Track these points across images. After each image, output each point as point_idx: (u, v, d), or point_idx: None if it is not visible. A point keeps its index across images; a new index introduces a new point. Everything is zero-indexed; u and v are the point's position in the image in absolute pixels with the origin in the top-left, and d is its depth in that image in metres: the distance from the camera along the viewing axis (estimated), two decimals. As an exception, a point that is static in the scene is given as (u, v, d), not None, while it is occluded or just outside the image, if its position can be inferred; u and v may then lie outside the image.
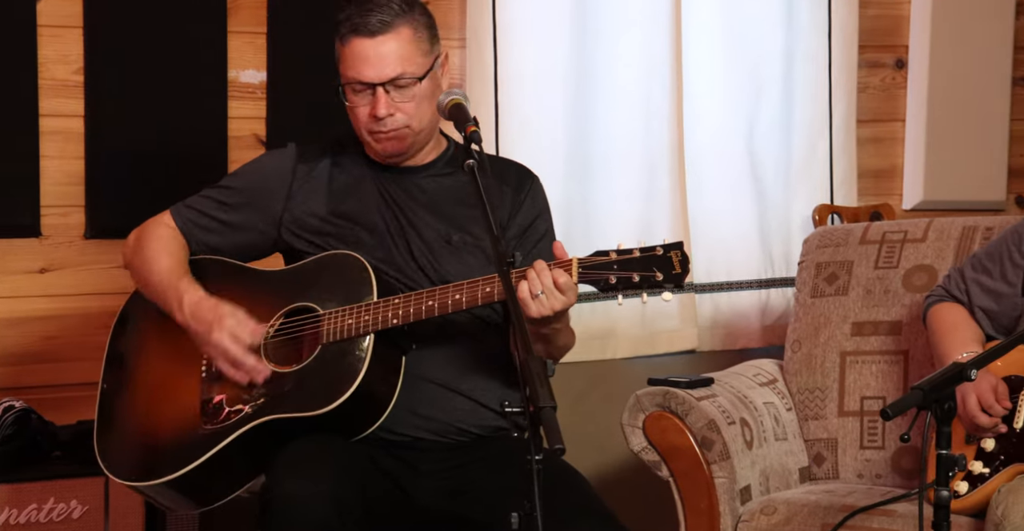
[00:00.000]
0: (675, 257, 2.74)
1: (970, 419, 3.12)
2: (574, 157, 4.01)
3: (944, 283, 3.44)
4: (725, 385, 3.54)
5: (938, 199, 4.51)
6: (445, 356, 2.97)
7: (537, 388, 2.32)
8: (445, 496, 2.91)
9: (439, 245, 3.01)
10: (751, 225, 4.30)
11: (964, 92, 4.49)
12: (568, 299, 2.77)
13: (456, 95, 2.83)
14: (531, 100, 3.93)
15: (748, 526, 3.31)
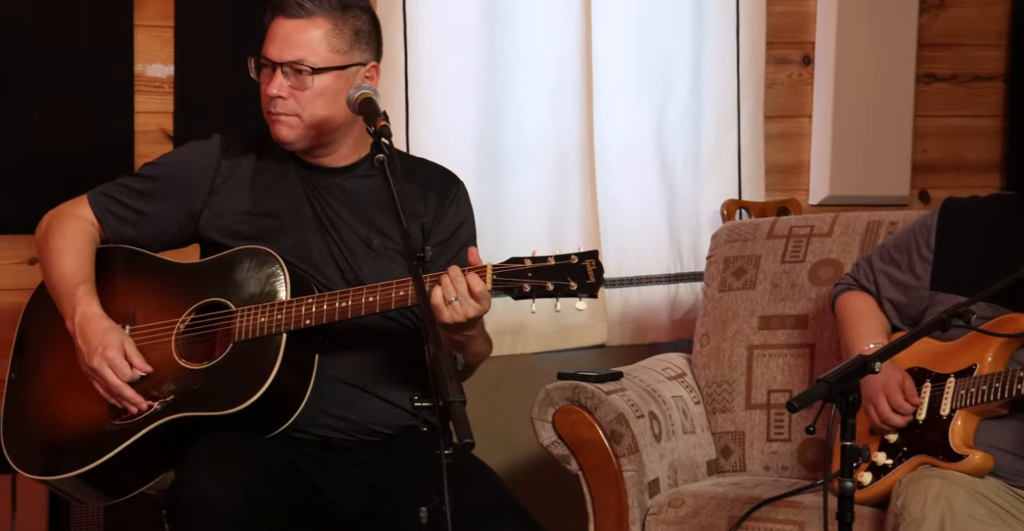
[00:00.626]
0: (590, 266, 2.76)
1: (881, 419, 3.16)
2: (485, 154, 4.02)
3: (853, 272, 3.48)
4: (634, 379, 3.56)
5: (844, 194, 4.56)
6: (358, 356, 2.97)
7: (446, 383, 2.33)
8: (357, 493, 2.91)
9: (359, 248, 3.00)
10: (660, 220, 4.33)
11: (869, 88, 4.54)
12: (482, 306, 2.78)
13: (366, 90, 2.83)
14: (442, 97, 3.93)
15: (656, 519, 3.33)
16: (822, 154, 4.55)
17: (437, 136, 3.90)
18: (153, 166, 3.12)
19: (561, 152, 4.09)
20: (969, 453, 3.04)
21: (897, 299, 3.35)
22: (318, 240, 2.99)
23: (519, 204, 4.07)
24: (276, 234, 2.99)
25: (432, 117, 3.91)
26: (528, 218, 4.07)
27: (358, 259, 2.99)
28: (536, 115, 4.06)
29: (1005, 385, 3.00)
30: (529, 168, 4.07)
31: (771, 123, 4.48)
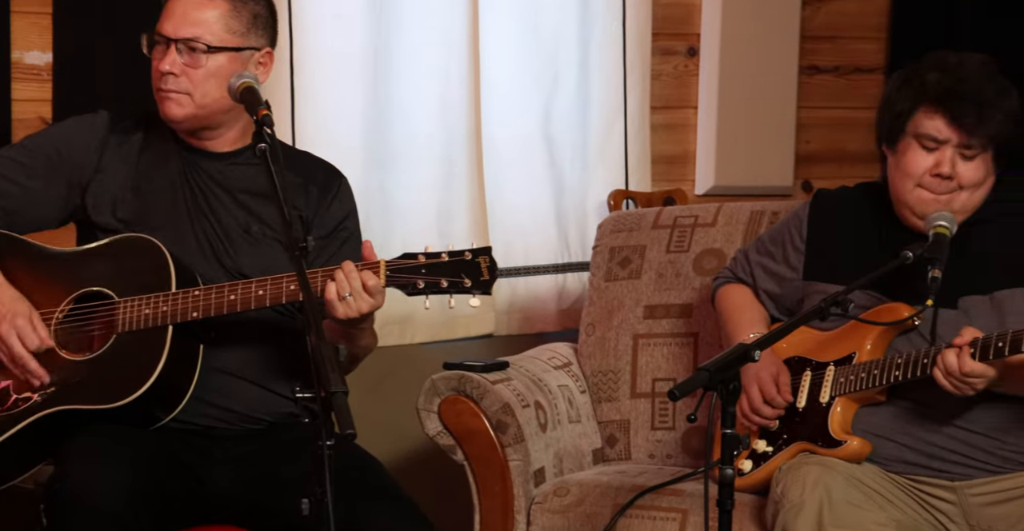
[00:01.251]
0: (483, 263, 2.77)
1: (753, 410, 3.19)
2: (372, 145, 4.01)
3: (731, 265, 3.51)
4: (520, 369, 3.57)
5: (729, 184, 4.60)
6: (242, 346, 2.96)
7: (328, 373, 2.32)
8: (240, 484, 2.90)
9: (238, 235, 2.98)
10: (548, 210, 4.35)
11: (754, 80, 4.59)
12: (376, 302, 2.78)
13: (247, 78, 2.81)
14: (328, 88, 3.92)
15: (541, 508, 3.35)
16: (707, 145, 4.59)
17: (323, 127, 3.88)
18: (36, 138, 3.06)
19: (448, 143, 4.09)
20: (847, 439, 3.08)
21: (773, 290, 3.39)
22: (197, 225, 2.97)
23: (406, 195, 4.06)
24: (154, 217, 2.95)
25: (318, 108, 3.89)
26: (416, 209, 4.07)
27: (237, 247, 2.97)
28: (423, 107, 4.05)
29: (883, 372, 3.05)
30: (416, 159, 4.07)
31: (657, 114, 4.51)
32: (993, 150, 3.04)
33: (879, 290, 3.13)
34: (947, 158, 3.04)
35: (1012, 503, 3.00)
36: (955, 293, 3.06)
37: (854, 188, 3.34)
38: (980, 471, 3.03)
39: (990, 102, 3.00)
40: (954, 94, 3.02)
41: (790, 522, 2.96)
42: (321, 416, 2.32)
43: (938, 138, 3.04)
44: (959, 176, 3.04)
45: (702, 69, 4.57)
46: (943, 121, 3.03)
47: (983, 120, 3.00)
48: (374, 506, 2.78)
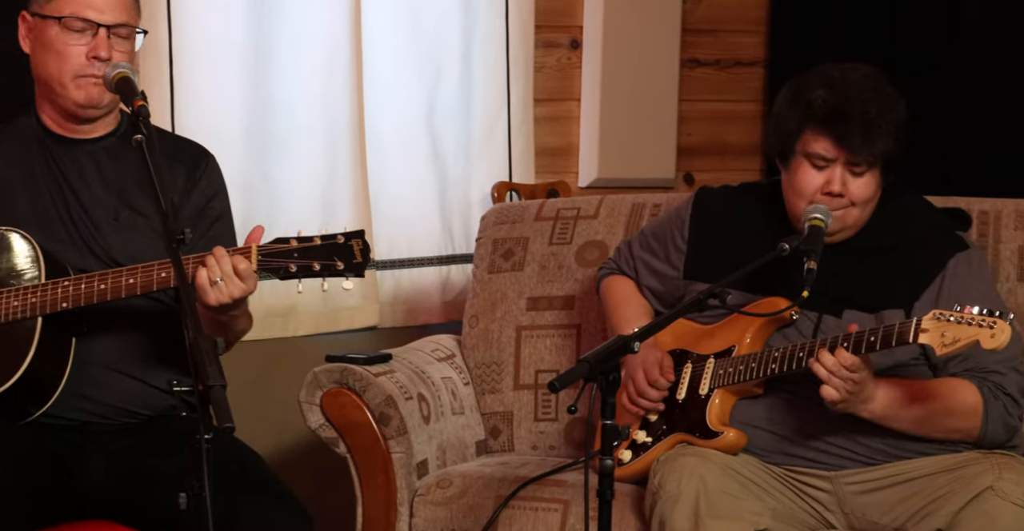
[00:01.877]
0: (356, 246, 2.76)
1: (638, 394, 3.22)
2: (254, 135, 3.98)
3: (615, 256, 3.54)
4: (403, 361, 3.57)
5: (612, 177, 4.63)
6: (116, 338, 2.92)
7: (206, 366, 2.31)
8: (115, 479, 2.86)
9: (106, 222, 2.95)
10: (432, 202, 4.34)
11: (636, 73, 4.62)
12: (248, 287, 2.76)
13: (123, 68, 2.78)
14: (208, 77, 3.87)
15: (424, 500, 3.35)
16: (590, 137, 4.61)
17: (203, 117, 3.84)
18: None
19: (331, 135, 4.07)
20: (724, 431, 3.11)
21: (655, 287, 3.42)
22: (63, 214, 2.93)
23: (289, 187, 4.04)
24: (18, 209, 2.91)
25: (198, 99, 3.85)
26: (299, 201, 4.04)
27: (106, 234, 2.93)
28: (306, 98, 4.03)
29: (760, 365, 3.08)
30: (299, 151, 4.04)
31: (541, 106, 4.53)
32: (881, 165, 3.08)
33: (758, 290, 3.17)
34: (837, 176, 3.07)
35: (884, 491, 3.06)
36: (841, 305, 3.11)
37: (737, 188, 3.37)
38: (854, 461, 3.08)
39: (875, 120, 3.02)
40: (839, 114, 3.04)
41: (667, 513, 2.99)
42: (199, 410, 2.30)
43: (827, 157, 3.07)
44: (850, 193, 3.08)
45: (585, 62, 4.59)
46: (830, 141, 3.05)
47: (869, 139, 3.03)
48: (253, 500, 2.77)
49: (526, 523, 3.25)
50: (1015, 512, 2.84)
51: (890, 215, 3.17)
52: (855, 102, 3.04)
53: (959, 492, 2.92)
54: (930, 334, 2.79)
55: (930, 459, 3.05)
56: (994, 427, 3.04)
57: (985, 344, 2.73)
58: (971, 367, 3.05)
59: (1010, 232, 3.47)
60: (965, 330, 2.74)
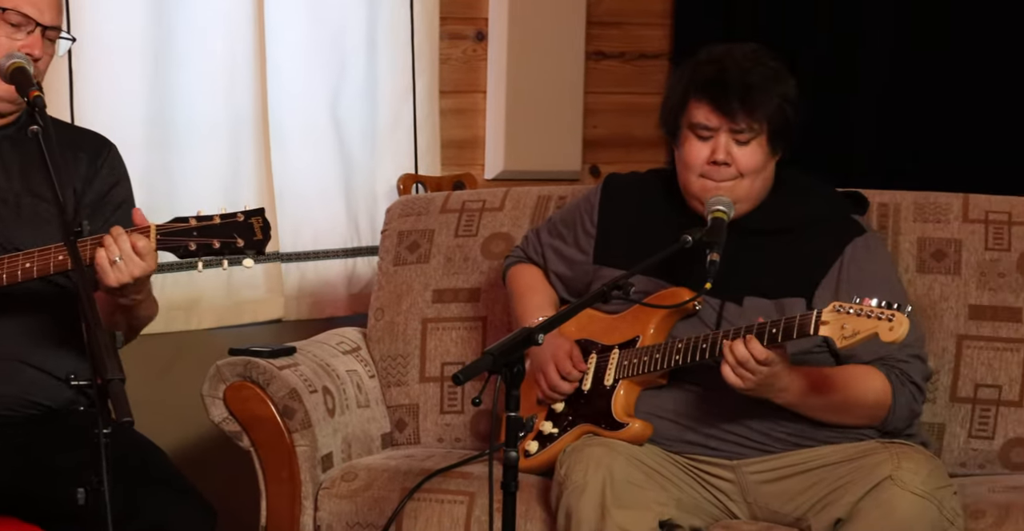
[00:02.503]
0: (256, 223, 2.75)
1: (550, 386, 3.22)
2: (156, 126, 3.93)
3: (523, 244, 3.54)
4: (308, 354, 3.55)
5: (518, 169, 4.63)
6: (15, 326, 2.89)
7: (104, 360, 2.28)
8: (13, 474, 2.82)
9: (9, 210, 2.91)
10: (337, 194, 4.32)
11: (541, 65, 4.62)
12: (147, 264, 2.73)
13: (18, 58, 2.76)
14: (108, 66, 3.82)
15: (329, 493, 3.34)
16: (496, 129, 4.61)
17: (103, 108, 3.79)
18: None
19: (234, 126, 4.04)
20: (630, 422, 3.13)
21: (563, 273, 3.43)
22: None
23: (192, 180, 4.00)
24: None
25: (98, 90, 3.80)
26: (201, 194, 3.99)
27: (8, 222, 2.90)
28: (208, 89, 3.99)
29: (664, 356, 3.10)
30: (202, 143, 4.00)
31: (446, 98, 4.52)
32: (767, 134, 3.11)
33: (664, 276, 3.19)
34: (721, 145, 3.10)
35: (786, 481, 3.08)
36: (742, 291, 3.13)
37: (645, 174, 3.39)
38: (756, 451, 3.11)
39: (755, 87, 3.07)
40: (718, 81, 3.08)
41: (573, 503, 3.00)
42: (97, 404, 2.27)
43: (709, 126, 3.10)
44: (736, 162, 3.10)
45: (490, 54, 4.59)
46: (709, 108, 3.09)
47: (747, 103, 3.07)
48: (154, 495, 2.75)
49: (432, 515, 3.25)
50: (913, 501, 2.88)
51: (787, 198, 3.20)
52: (735, 71, 3.08)
53: (859, 482, 2.95)
54: (830, 326, 2.82)
55: (831, 448, 3.08)
56: (900, 414, 3.08)
57: (884, 337, 2.76)
58: (878, 357, 3.08)
59: (909, 224, 3.51)
60: (864, 323, 2.78)
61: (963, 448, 3.41)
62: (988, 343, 3.42)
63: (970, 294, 3.45)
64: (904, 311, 2.75)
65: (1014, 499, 3.09)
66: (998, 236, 3.48)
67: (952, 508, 2.92)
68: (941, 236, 3.49)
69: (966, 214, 3.51)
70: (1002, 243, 3.47)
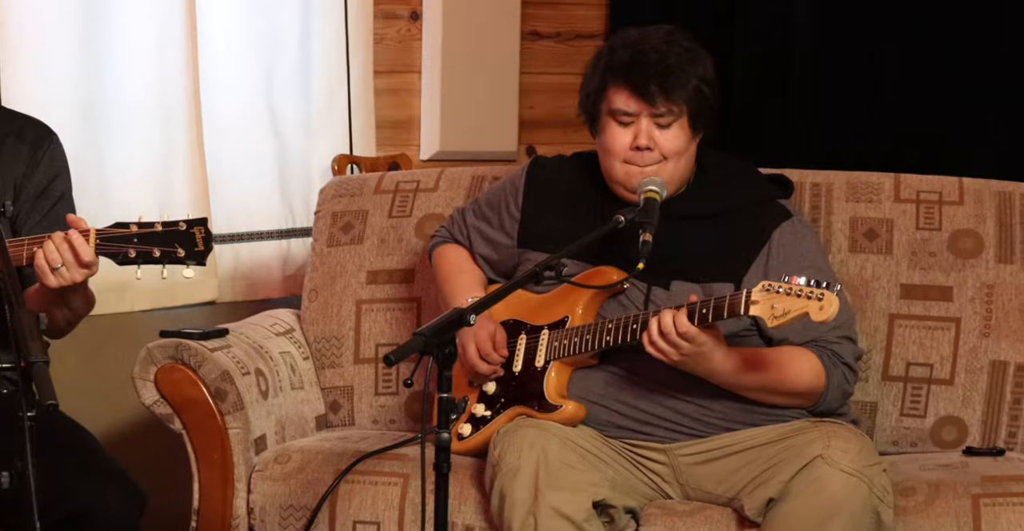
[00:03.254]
0: (198, 233, 2.76)
1: (470, 367, 3.22)
2: (85, 108, 3.88)
3: (448, 224, 3.52)
4: (241, 336, 3.53)
5: (454, 150, 4.62)
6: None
7: (28, 342, 2.26)
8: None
9: None
10: (271, 175, 4.29)
11: (476, 45, 4.60)
12: (90, 271, 2.74)
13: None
14: (37, 49, 3.77)
15: (262, 475, 3.32)
16: (431, 110, 4.59)
17: (32, 91, 3.73)
18: None
19: (166, 109, 4.00)
20: (563, 404, 3.12)
21: (489, 255, 3.42)
22: None
23: (123, 162, 3.95)
24: None
25: (26, 73, 3.74)
26: (134, 177, 3.96)
27: None
28: (139, 73, 3.94)
29: (595, 337, 3.10)
30: (133, 125, 3.96)
31: (381, 78, 4.49)
32: (688, 116, 3.11)
33: (593, 259, 3.18)
34: (643, 130, 3.10)
35: (718, 462, 3.09)
36: (669, 276, 3.14)
37: (571, 157, 3.39)
38: (687, 435, 3.11)
39: (672, 68, 3.07)
40: (636, 65, 3.08)
41: (507, 485, 2.99)
42: (21, 387, 2.25)
43: (629, 111, 3.10)
44: (659, 146, 3.11)
45: (425, 34, 4.57)
46: (628, 94, 3.09)
47: (666, 87, 3.07)
48: (82, 478, 2.72)
49: (366, 497, 3.24)
50: (844, 480, 2.90)
51: (713, 184, 3.20)
52: (651, 53, 3.08)
53: (790, 461, 2.96)
54: (760, 306, 2.82)
55: (761, 429, 3.09)
56: (833, 395, 3.09)
57: (815, 316, 2.77)
58: (810, 338, 3.09)
59: (841, 204, 3.53)
60: (794, 302, 2.78)
61: (895, 426, 3.44)
62: (919, 322, 3.44)
63: (901, 273, 3.47)
64: (833, 290, 2.76)
65: (944, 477, 3.12)
66: (929, 215, 3.50)
67: (882, 486, 2.94)
68: (873, 216, 3.51)
69: (897, 194, 3.53)
70: (933, 222, 3.49)
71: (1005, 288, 3.42)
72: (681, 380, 3.08)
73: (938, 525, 3.02)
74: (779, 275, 2.91)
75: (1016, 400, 3.37)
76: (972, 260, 3.45)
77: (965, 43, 4.39)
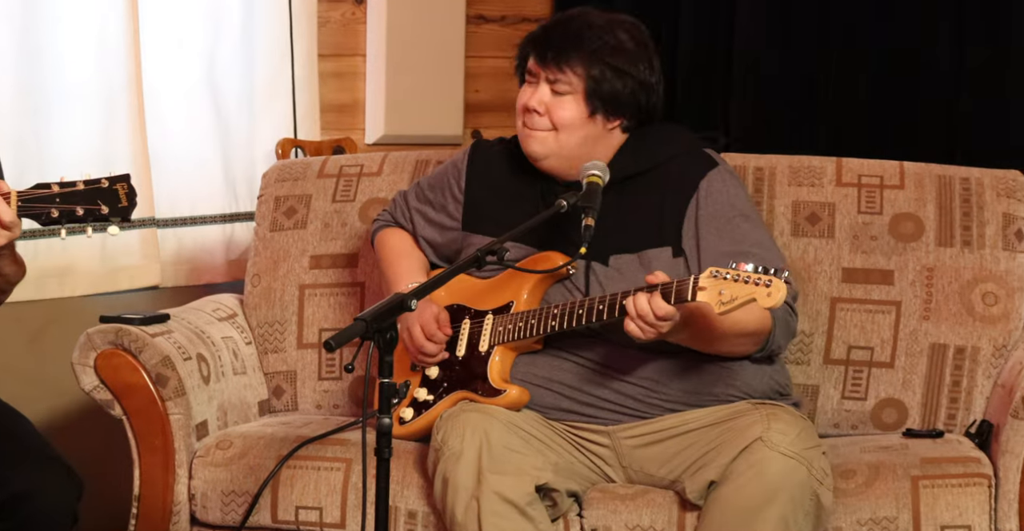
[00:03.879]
0: (122, 190, 2.71)
1: (416, 348, 3.21)
2: (24, 90, 3.84)
3: (391, 208, 3.52)
4: (182, 321, 3.51)
5: (399, 133, 4.61)
6: None
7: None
8: None
9: None
10: (215, 159, 4.27)
11: (421, 29, 4.59)
12: (12, 233, 2.69)
13: None
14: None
15: (203, 461, 3.30)
16: (376, 94, 4.58)
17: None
18: None
19: (107, 89, 3.97)
20: (507, 388, 3.12)
21: (432, 238, 3.41)
22: None
23: (64, 146, 3.92)
24: None
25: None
26: (75, 161, 3.91)
27: None
28: (79, 55, 3.91)
29: (540, 322, 3.09)
30: (73, 107, 3.93)
31: (325, 62, 4.47)
32: (585, 92, 3.11)
33: (535, 243, 3.18)
34: (539, 92, 3.15)
35: (660, 445, 3.10)
36: (607, 251, 3.13)
37: (511, 139, 3.38)
38: (630, 417, 3.12)
39: (579, 41, 3.11)
40: (552, 28, 3.16)
41: (450, 469, 2.99)
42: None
43: (531, 71, 3.15)
44: (550, 112, 3.13)
45: (369, 17, 4.55)
46: (534, 55, 3.15)
47: (564, 55, 3.11)
48: (18, 464, 2.70)
49: (308, 482, 3.23)
50: (784, 462, 2.91)
51: (637, 147, 3.20)
52: (567, 24, 3.15)
53: (730, 443, 2.97)
54: (708, 292, 2.82)
55: (703, 411, 3.10)
56: (781, 331, 3.08)
57: (762, 303, 2.77)
58: None
59: (784, 188, 3.54)
60: (742, 288, 2.78)
61: (836, 409, 3.45)
62: (861, 305, 3.46)
63: (843, 257, 3.48)
64: (781, 276, 2.76)
65: (884, 459, 3.14)
66: (870, 199, 3.51)
67: (821, 468, 2.96)
68: (815, 200, 3.53)
69: (839, 178, 3.54)
70: (874, 206, 3.50)
71: (945, 271, 3.44)
72: (628, 363, 3.08)
73: (877, 507, 3.04)
74: (708, 226, 2.90)
75: (955, 383, 3.40)
76: (913, 243, 3.47)
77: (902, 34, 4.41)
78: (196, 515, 3.30)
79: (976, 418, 3.35)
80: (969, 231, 3.45)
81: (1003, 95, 4.33)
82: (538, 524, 2.98)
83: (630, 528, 3.05)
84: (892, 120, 4.45)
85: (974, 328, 3.41)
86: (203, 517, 3.29)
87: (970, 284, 3.42)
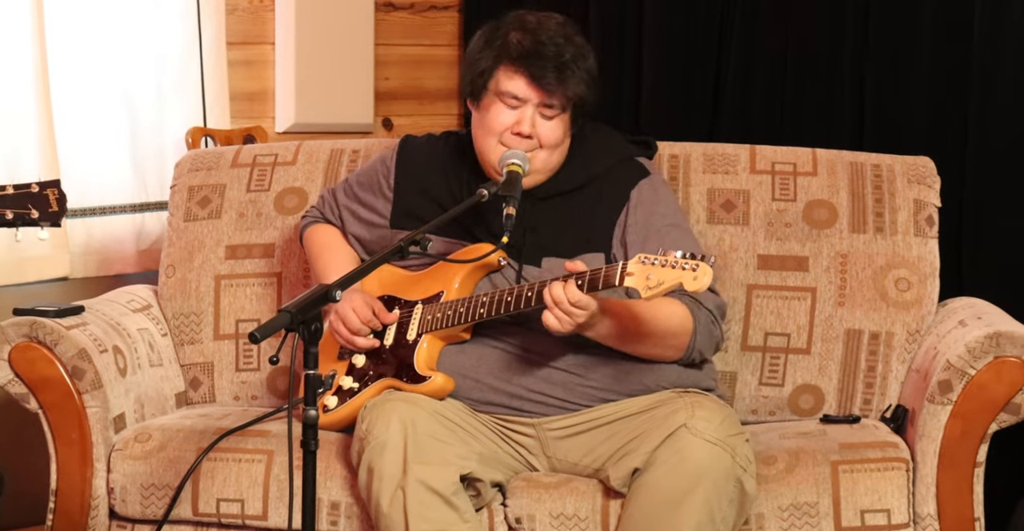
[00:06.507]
0: (52, 195, 2.72)
1: (355, 332, 3.20)
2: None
3: (319, 204, 3.51)
4: (97, 313, 3.47)
5: (310, 122, 4.58)
6: None
7: None
8: None
9: None
10: (124, 148, 4.22)
11: (331, 16, 4.57)
12: None
13: None
14: None
15: (122, 454, 3.27)
16: (286, 82, 4.55)
17: None
18: None
19: (12, 78, 3.91)
20: (432, 375, 3.12)
21: (361, 235, 3.41)
22: None
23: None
24: None
25: None
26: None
27: None
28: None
29: (468, 310, 3.10)
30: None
31: (234, 50, 4.44)
32: (572, 110, 3.14)
33: (464, 236, 3.19)
34: (527, 117, 3.13)
35: (584, 435, 3.12)
36: (540, 254, 3.16)
37: (440, 136, 3.39)
38: (557, 409, 3.14)
39: (569, 63, 3.11)
40: (535, 54, 3.10)
41: (375, 459, 2.99)
42: None
43: (519, 96, 3.12)
44: (539, 135, 3.13)
45: (278, 4, 4.52)
46: (524, 80, 3.11)
47: (562, 80, 3.10)
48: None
49: (229, 475, 3.21)
50: (708, 449, 2.94)
51: (579, 158, 3.23)
52: (550, 45, 3.10)
53: (655, 431, 2.99)
54: (635, 277, 2.84)
55: (629, 401, 3.12)
56: (703, 336, 3.11)
57: (688, 286, 2.79)
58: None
59: (699, 175, 3.57)
60: (669, 273, 2.80)
61: (754, 395, 3.50)
62: (776, 292, 3.50)
63: (758, 244, 3.52)
64: (708, 262, 2.78)
65: (803, 445, 3.18)
66: (784, 187, 3.56)
67: (744, 455, 2.99)
68: (730, 187, 3.56)
69: (753, 165, 3.58)
70: (788, 194, 3.55)
71: (858, 257, 3.49)
72: (555, 350, 3.11)
73: (799, 492, 3.08)
74: (638, 234, 2.93)
75: (870, 368, 3.45)
76: (827, 230, 3.52)
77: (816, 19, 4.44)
78: (115, 509, 3.27)
79: (891, 403, 3.40)
80: (882, 217, 3.51)
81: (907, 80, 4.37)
82: (463, 514, 2.99)
83: (554, 517, 3.07)
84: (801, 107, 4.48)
85: (888, 314, 3.46)
86: (122, 511, 3.26)
87: (883, 270, 3.48)
